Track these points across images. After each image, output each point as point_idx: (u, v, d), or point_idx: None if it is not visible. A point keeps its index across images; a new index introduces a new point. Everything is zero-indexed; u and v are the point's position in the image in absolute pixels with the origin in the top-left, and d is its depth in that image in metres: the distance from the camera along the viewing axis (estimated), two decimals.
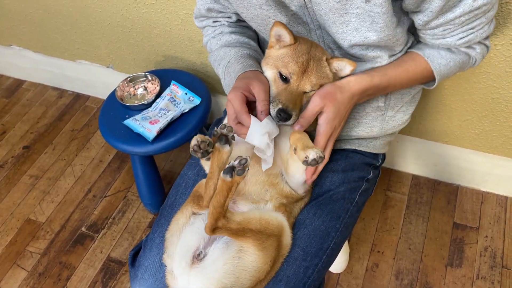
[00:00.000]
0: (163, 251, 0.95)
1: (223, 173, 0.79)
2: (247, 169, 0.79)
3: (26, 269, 1.60)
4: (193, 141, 0.84)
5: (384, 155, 1.13)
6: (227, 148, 0.85)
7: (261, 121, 0.85)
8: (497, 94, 1.34)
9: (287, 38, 0.88)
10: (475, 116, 1.43)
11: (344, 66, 0.88)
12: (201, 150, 0.85)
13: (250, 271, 0.84)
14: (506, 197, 1.62)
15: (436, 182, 1.69)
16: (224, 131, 0.85)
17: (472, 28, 0.88)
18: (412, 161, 1.69)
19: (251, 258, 0.84)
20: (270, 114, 0.87)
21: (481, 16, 0.86)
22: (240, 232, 0.83)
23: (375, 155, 1.09)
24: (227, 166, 0.79)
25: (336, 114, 0.88)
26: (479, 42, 0.93)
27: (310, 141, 0.86)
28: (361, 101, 0.94)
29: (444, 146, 1.57)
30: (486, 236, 1.54)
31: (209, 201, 0.88)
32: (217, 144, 0.85)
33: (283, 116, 0.85)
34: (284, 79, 0.88)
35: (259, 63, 0.96)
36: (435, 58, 0.93)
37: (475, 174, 1.61)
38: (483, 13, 0.85)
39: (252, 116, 0.85)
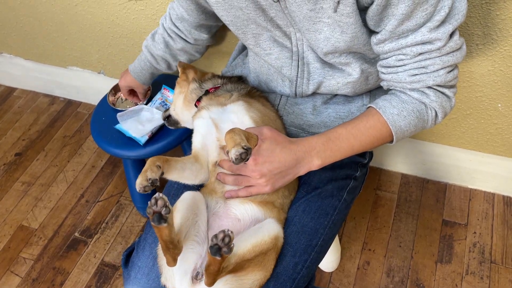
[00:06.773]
0: (155, 251, 0.96)
1: (211, 254, 0.75)
2: (232, 245, 0.75)
3: (20, 275, 1.60)
4: (137, 185, 0.83)
5: (371, 154, 1.16)
6: (163, 225, 0.78)
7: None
8: (481, 92, 1.37)
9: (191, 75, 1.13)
10: (460, 114, 1.46)
11: None
12: (148, 191, 0.84)
13: (252, 287, 0.86)
14: (494, 194, 1.65)
15: (425, 181, 1.72)
16: (156, 208, 0.77)
17: (425, 67, 0.85)
18: (401, 160, 1.71)
19: (252, 277, 0.85)
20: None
21: (435, 56, 0.83)
22: (239, 267, 0.83)
23: (362, 153, 1.11)
24: (211, 245, 0.74)
25: (269, 154, 0.85)
26: (435, 90, 0.89)
27: (241, 136, 0.81)
28: (312, 162, 0.89)
29: (431, 144, 1.60)
30: (475, 232, 1.56)
31: (170, 261, 0.84)
32: (152, 224, 0.78)
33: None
34: None
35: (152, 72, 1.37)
36: (387, 108, 0.89)
37: (462, 171, 1.64)
38: (437, 51, 0.83)
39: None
